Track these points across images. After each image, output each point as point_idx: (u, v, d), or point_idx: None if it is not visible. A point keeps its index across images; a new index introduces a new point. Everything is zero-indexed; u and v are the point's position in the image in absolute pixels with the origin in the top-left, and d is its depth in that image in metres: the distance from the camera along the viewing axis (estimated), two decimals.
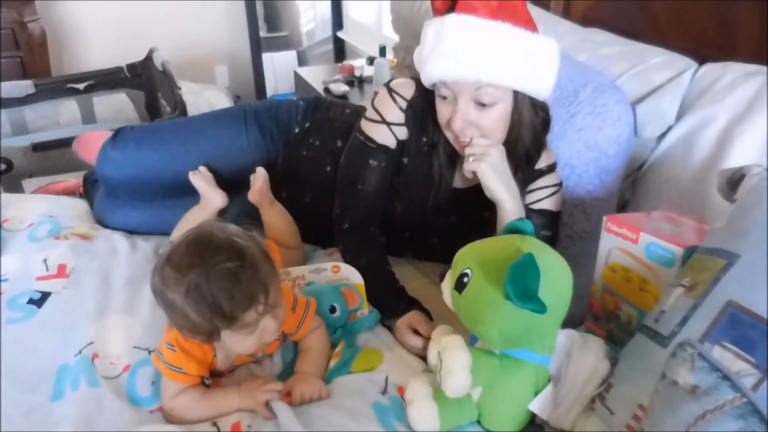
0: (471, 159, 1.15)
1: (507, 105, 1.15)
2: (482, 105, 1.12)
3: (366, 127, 1.29)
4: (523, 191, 1.24)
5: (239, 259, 0.88)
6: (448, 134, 1.20)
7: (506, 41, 1.08)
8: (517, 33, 1.09)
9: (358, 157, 1.29)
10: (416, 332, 1.12)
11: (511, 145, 1.19)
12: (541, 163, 1.27)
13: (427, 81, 1.19)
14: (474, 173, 1.16)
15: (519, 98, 1.15)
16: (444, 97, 1.16)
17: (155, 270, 0.91)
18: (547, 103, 1.21)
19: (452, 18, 1.09)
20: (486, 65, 1.08)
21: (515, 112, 1.16)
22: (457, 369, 0.86)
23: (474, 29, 1.08)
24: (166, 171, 1.44)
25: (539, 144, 1.23)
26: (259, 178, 1.36)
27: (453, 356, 0.87)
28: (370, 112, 1.29)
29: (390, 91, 1.27)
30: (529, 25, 1.11)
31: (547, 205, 1.28)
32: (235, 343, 0.93)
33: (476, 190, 1.29)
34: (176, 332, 0.94)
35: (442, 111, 1.18)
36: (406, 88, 1.26)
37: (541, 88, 1.15)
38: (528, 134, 1.19)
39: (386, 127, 1.26)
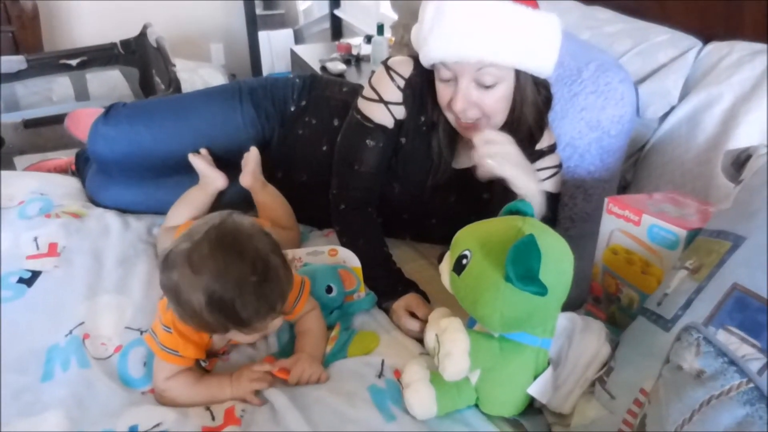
0: (489, 160, 1.08)
1: (509, 84, 1.12)
2: (484, 86, 1.10)
3: (363, 106, 1.26)
4: None
5: (264, 272, 0.86)
6: (449, 115, 1.18)
7: (508, 20, 1.05)
8: (519, 10, 1.06)
9: (355, 137, 1.27)
10: (413, 315, 1.10)
11: (513, 124, 1.17)
12: (543, 144, 1.25)
13: (426, 62, 1.16)
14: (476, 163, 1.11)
15: (521, 77, 1.12)
16: (444, 79, 1.13)
17: (170, 265, 0.86)
18: (549, 80, 1.18)
19: None
20: (488, 45, 1.06)
21: (517, 91, 1.13)
22: (456, 352, 0.84)
23: (475, 8, 1.05)
24: (159, 149, 1.42)
25: (542, 123, 1.20)
26: (251, 159, 1.33)
27: (452, 339, 0.85)
28: (367, 91, 1.26)
29: (388, 69, 1.24)
30: (530, 0, 1.08)
31: (547, 186, 1.26)
32: (241, 338, 0.94)
33: (474, 171, 1.26)
34: (173, 315, 0.92)
35: (443, 92, 1.15)
36: (404, 66, 1.23)
37: (543, 65, 1.12)
38: (531, 113, 1.16)
39: (384, 106, 1.23)
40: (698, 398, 0.68)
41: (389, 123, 1.24)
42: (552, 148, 1.27)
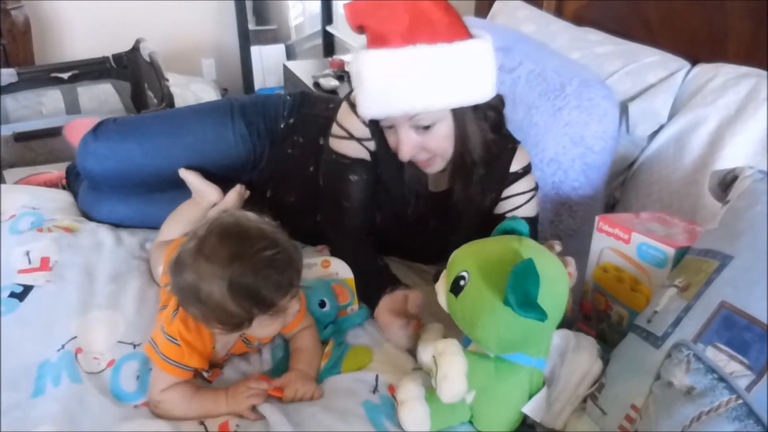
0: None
1: (449, 120, 1.09)
2: (424, 128, 1.08)
3: (336, 145, 1.23)
4: (498, 196, 1.22)
5: (275, 246, 0.88)
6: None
7: (427, 65, 1.01)
8: (437, 51, 1.01)
9: (337, 176, 1.24)
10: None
11: (459, 159, 1.15)
12: (516, 166, 1.22)
13: (363, 118, 1.14)
14: None
15: (457, 113, 1.09)
16: (386, 126, 1.12)
17: (181, 267, 0.88)
18: (498, 96, 1.13)
19: (365, 55, 1.04)
20: (412, 96, 1.03)
21: (457, 127, 1.10)
22: (453, 375, 0.84)
23: (388, 63, 1.01)
24: (151, 164, 1.39)
25: (492, 149, 1.16)
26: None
27: (449, 362, 0.85)
28: (335, 129, 1.23)
29: (351, 105, 1.20)
30: (450, 34, 1.03)
31: (526, 212, 1.22)
32: (264, 327, 0.94)
33: (449, 193, 1.25)
34: (179, 324, 0.93)
35: (390, 139, 1.14)
36: None
37: (479, 93, 1.08)
38: (476, 145, 1.13)
39: (356, 141, 1.21)
40: (688, 414, 0.69)
41: (366, 155, 1.22)
42: (527, 170, 1.24)
